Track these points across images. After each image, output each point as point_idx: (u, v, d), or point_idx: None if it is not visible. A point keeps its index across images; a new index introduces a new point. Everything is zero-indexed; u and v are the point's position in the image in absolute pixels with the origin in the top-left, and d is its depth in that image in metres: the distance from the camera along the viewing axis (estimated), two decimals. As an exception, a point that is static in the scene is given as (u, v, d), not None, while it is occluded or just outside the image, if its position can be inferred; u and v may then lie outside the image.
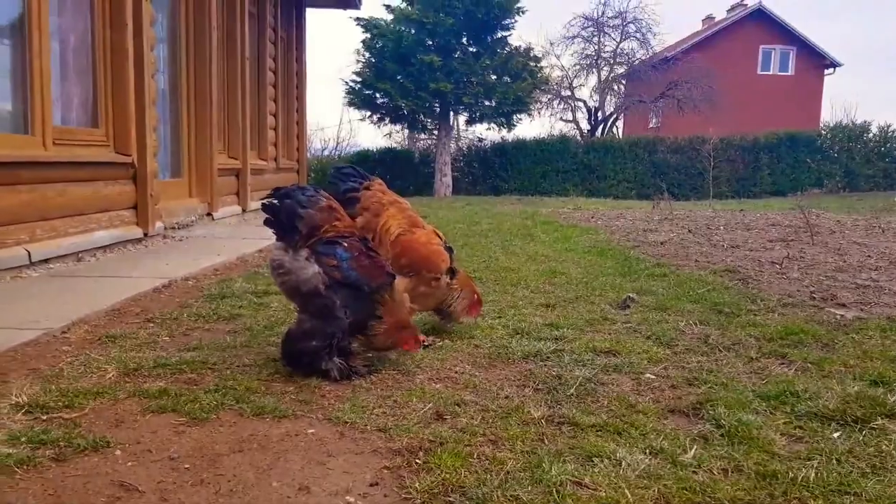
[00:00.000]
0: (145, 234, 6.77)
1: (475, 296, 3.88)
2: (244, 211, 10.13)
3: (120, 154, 6.45)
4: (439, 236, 3.93)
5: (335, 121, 43.76)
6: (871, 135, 24.95)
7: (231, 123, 9.94)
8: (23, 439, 2.29)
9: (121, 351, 3.33)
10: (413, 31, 19.71)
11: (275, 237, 3.13)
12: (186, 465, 2.19)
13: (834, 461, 2.30)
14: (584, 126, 32.25)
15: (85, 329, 3.71)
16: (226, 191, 9.69)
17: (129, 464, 2.19)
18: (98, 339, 3.55)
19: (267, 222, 3.11)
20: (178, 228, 7.92)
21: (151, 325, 3.88)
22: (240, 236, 7.83)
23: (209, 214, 8.89)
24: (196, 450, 2.30)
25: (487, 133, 25.76)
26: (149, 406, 2.65)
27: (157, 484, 2.07)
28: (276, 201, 3.07)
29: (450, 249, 3.89)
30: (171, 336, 3.68)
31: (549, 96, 30.72)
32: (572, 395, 2.89)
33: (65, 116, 6.02)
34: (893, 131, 25.19)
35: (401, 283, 3.61)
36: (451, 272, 3.81)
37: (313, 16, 14.49)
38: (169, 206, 7.66)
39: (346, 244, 3.08)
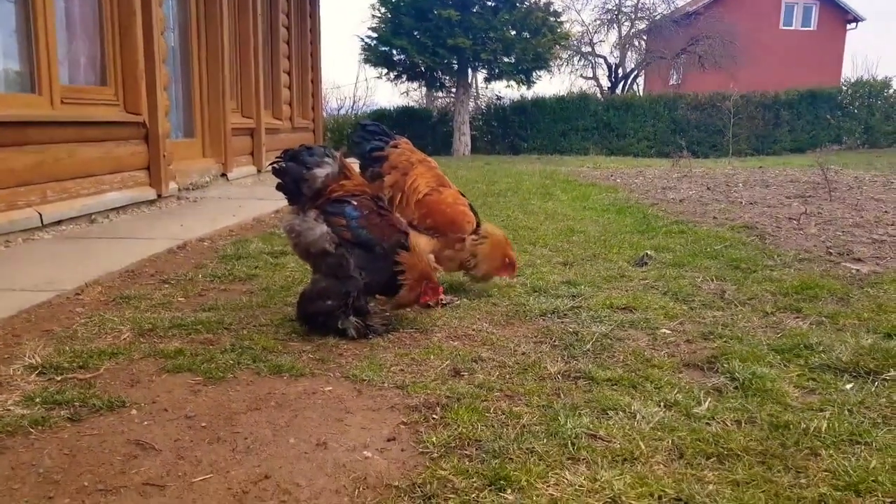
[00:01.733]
0: (159, 196, 6.77)
1: (506, 259, 3.82)
2: (259, 171, 10.11)
3: (130, 113, 6.41)
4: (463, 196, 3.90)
5: (351, 79, 43.38)
6: (891, 91, 24.41)
7: (244, 82, 9.86)
8: (37, 400, 2.31)
9: (135, 312, 3.34)
10: (431, -16, 19.34)
11: (287, 201, 3.11)
12: (203, 424, 2.20)
13: (846, 412, 2.30)
14: (605, 83, 31.93)
15: (98, 290, 3.72)
16: (240, 151, 9.66)
17: (146, 423, 2.20)
18: (112, 300, 3.56)
19: (278, 187, 3.09)
20: (193, 189, 7.92)
21: (166, 286, 3.89)
22: (255, 197, 7.83)
23: (224, 175, 8.88)
24: (212, 408, 2.31)
25: (506, 91, 25.58)
26: (164, 366, 2.66)
27: (173, 442, 2.08)
28: (283, 164, 3.06)
29: (472, 209, 3.86)
30: (187, 297, 3.68)
31: (569, 52, 30.36)
32: (588, 350, 2.89)
33: (72, 75, 5.97)
34: (914, 88, 24.68)
35: (427, 244, 3.63)
36: (477, 231, 3.79)
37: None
38: (182, 167, 7.65)
39: (355, 203, 3.05)
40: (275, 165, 3.09)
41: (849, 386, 2.53)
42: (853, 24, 37.24)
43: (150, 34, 6.50)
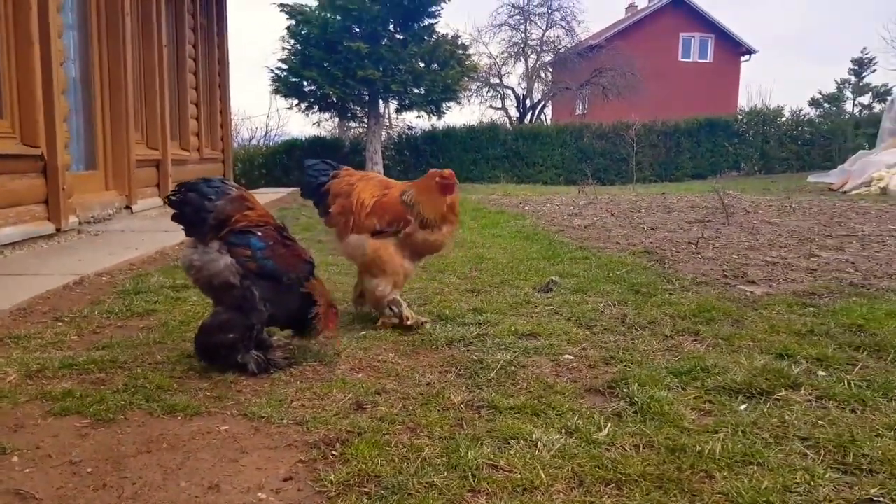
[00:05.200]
0: (58, 230, 6.48)
1: (436, 179, 3.70)
2: (165, 203, 9.81)
3: (27, 146, 6.14)
4: None
5: (264, 109, 42.78)
6: (783, 119, 25.93)
7: (149, 113, 9.61)
8: None
9: (24, 352, 3.18)
10: (339, 18, 19.36)
11: (184, 233, 3.03)
12: (89, 469, 2.10)
13: (739, 433, 2.36)
14: (513, 113, 32.73)
15: (-14, 330, 3.52)
16: (145, 182, 9.38)
17: (27, 470, 2.09)
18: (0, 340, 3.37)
19: (174, 217, 3.00)
20: (95, 223, 7.63)
21: (60, 323, 3.72)
22: (160, 229, 7.59)
23: (128, 207, 8.59)
24: (100, 452, 2.21)
25: (417, 121, 25.81)
26: (51, 409, 2.53)
27: (55, 490, 1.97)
28: (180, 195, 2.97)
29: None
30: (80, 335, 3.53)
31: (478, 84, 31.01)
32: (493, 378, 2.90)
33: (-35, 107, 5.70)
34: (804, 115, 26.46)
35: (397, 249, 3.66)
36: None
37: (235, 1, 14.12)
38: (84, 200, 7.36)
39: (260, 233, 3.00)
40: (173, 197, 3.00)
41: (742, 407, 2.61)
42: (747, 57, 39.45)
43: (49, 65, 6.26)
